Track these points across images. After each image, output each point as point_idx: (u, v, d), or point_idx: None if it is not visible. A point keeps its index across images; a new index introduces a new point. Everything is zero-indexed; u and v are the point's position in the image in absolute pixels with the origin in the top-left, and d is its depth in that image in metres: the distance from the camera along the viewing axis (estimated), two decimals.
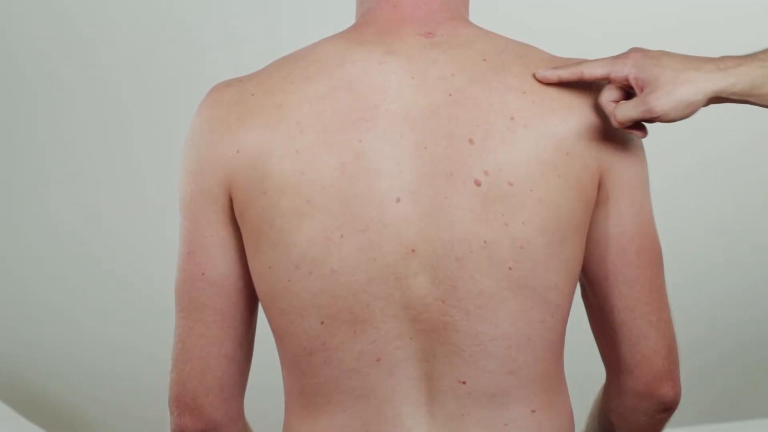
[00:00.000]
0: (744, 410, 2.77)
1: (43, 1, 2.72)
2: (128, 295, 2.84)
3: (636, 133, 1.08)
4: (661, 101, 1.05)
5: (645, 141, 1.14)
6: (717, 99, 1.07)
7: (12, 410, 2.55)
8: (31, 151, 2.83)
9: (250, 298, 1.14)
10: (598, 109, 1.10)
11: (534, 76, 1.09)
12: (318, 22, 1.87)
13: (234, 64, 1.78)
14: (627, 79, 1.07)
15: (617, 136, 1.11)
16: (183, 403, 1.13)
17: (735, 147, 2.81)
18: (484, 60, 1.10)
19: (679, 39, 2.66)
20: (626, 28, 2.69)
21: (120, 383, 2.87)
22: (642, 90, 1.06)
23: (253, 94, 1.11)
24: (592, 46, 2.53)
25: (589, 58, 1.12)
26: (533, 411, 1.11)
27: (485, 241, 1.06)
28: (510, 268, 1.06)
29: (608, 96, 1.08)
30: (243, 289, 1.13)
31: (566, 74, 1.09)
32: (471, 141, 1.06)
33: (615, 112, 1.06)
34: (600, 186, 1.11)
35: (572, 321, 1.15)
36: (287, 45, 1.28)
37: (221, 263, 1.12)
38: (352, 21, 1.19)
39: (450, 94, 1.08)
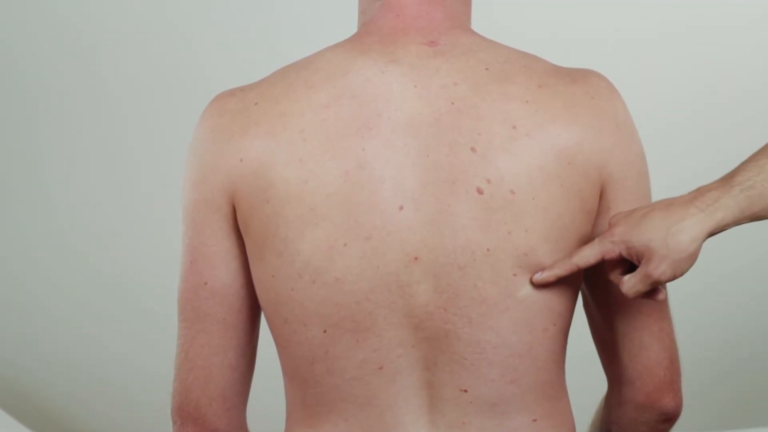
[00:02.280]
0: (748, 419, 2.76)
1: (45, 11, 2.73)
2: (129, 302, 2.84)
3: (653, 298, 1.08)
4: (660, 269, 1.04)
5: (645, 147, 1.14)
6: (711, 233, 1.06)
7: (11, 417, 2.54)
8: (32, 157, 2.84)
9: (253, 308, 1.14)
10: (601, 120, 1.10)
11: (531, 280, 1.07)
12: (319, 31, 1.87)
13: (236, 74, 1.78)
14: (621, 257, 1.07)
15: (619, 146, 1.11)
16: (186, 412, 1.13)
17: (736, 152, 2.80)
18: (487, 69, 1.10)
19: (683, 44, 2.67)
20: (631, 34, 2.69)
21: (119, 389, 2.86)
22: (639, 262, 1.06)
23: (256, 103, 1.11)
24: (597, 52, 2.54)
25: (595, 68, 1.11)
26: (534, 420, 1.11)
27: (488, 249, 1.05)
28: (515, 275, 1.06)
29: (614, 273, 1.08)
30: (246, 298, 1.13)
31: (561, 271, 1.07)
32: (473, 149, 1.06)
33: (625, 291, 1.06)
34: (601, 196, 1.11)
35: (574, 330, 1.15)
36: (289, 54, 1.28)
37: (224, 273, 1.12)
38: (354, 30, 1.19)
39: (452, 103, 1.08)
